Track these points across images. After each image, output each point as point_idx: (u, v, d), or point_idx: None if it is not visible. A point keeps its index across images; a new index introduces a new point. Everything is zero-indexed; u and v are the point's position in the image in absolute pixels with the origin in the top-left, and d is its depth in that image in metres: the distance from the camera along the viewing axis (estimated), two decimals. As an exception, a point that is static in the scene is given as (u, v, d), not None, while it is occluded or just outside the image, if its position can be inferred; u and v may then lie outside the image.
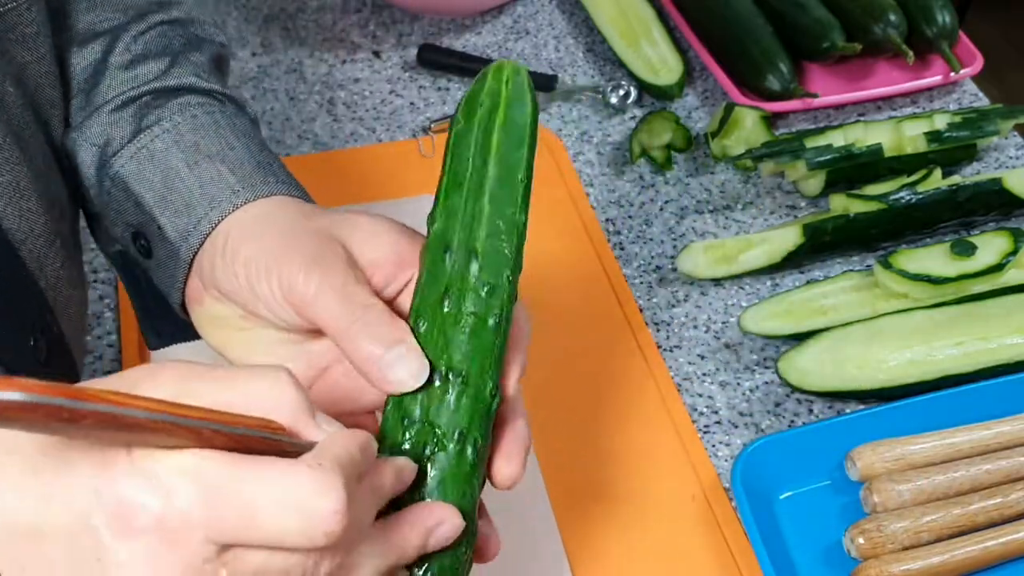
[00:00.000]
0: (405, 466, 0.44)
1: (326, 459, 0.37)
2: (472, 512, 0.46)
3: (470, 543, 0.47)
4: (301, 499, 0.36)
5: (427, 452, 0.45)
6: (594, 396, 0.79)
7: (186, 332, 0.55)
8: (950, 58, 1.01)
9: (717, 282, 0.87)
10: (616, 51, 1.05)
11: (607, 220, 0.92)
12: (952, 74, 1.01)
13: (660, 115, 0.96)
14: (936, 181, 0.89)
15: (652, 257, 0.89)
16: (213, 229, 0.51)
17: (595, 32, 1.09)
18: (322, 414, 0.40)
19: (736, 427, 0.78)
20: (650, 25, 1.07)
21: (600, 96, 1.02)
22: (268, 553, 0.36)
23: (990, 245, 0.84)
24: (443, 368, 0.46)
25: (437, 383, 0.46)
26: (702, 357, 0.82)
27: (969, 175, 0.95)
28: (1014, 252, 0.83)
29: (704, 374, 0.81)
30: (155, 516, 0.35)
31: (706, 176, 0.96)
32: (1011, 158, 0.99)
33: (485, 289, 0.46)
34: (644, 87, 1.02)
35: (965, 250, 0.83)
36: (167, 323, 0.58)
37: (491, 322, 0.46)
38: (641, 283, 0.87)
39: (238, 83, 1.03)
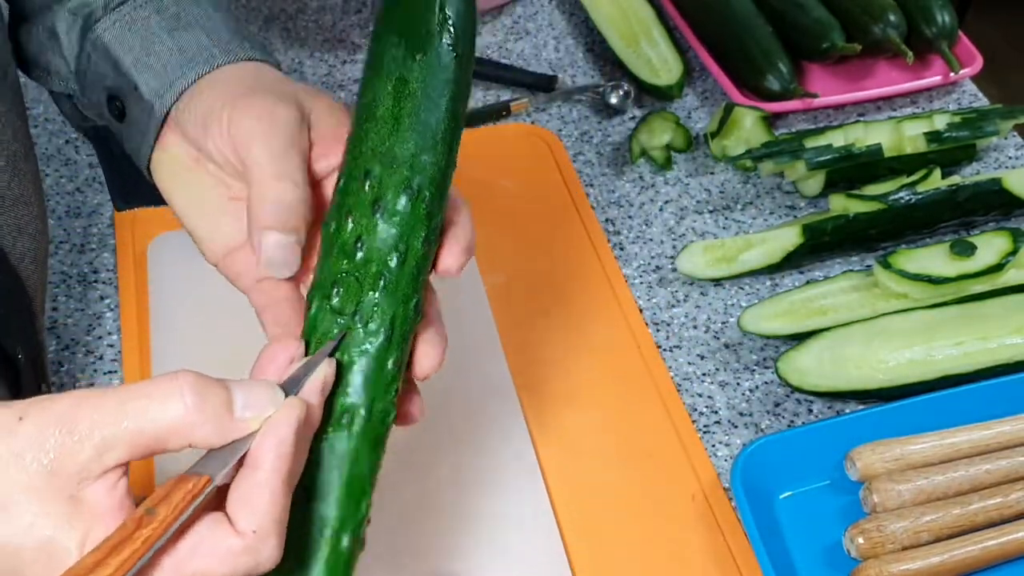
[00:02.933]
0: (328, 379, 0.46)
1: (259, 520, 0.41)
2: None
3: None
4: (246, 569, 0.41)
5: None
6: (594, 396, 0.79)
7: (151, 198, 0.58)
8: (950, 58, 1.01)
9: (717, 282, 0.87)
10: (616, 51, 1.05)
11: (607, 220, 0.92)
12: (952, 74, 1.01)
13: (660, 115, 0.96)
14: (936, 181, 0.89)
15: (652, 257, 0.89)
16: (188, 87, 0.55)
17: (595, 32, 1.09)
18: (239, 391, 0.43)
19: (736, 427, 0.78)
20: (650, 25, 1.07)
21: (600, 96, 1.02)
22: None
23: (990, 245, 0.84)
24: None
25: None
26: (702, 357, 0.82)
27: (969, 175, 0.95)
28: (1014, 252, 0.83)
29: (704, 374, 0.81)
30: None
31: (706, 176, 0.96)
32: (1011, 158, 0.99)
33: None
34: (644, 87, 1.02)
35: (965, 250, 0.83)
36: (136, 190, 0.62)
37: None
38: (641, 283, 0.87)
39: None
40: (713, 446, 0.76)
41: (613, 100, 1.02)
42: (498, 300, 0.84)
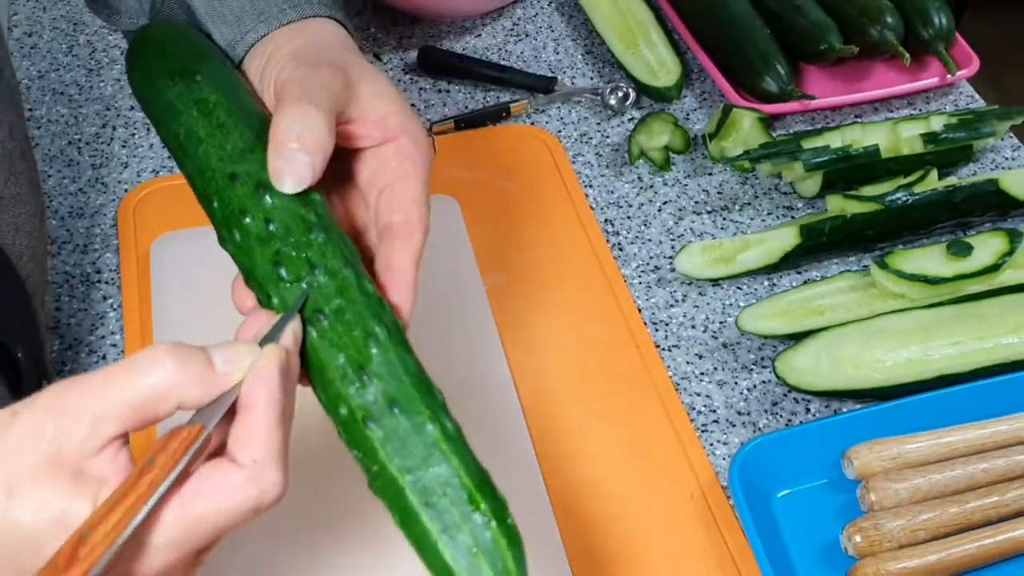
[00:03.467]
0: (297, 331, 0.48)
1: (258, 449, 0.43)
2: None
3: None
4: (253, 501, 0.43)
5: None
6: (593, 396, 0.79)
7: None
8: (947, 60, 1.02)
9: (715, 282, 0.88)
10: (615, 53, 1.05)
11: (606, 221, 0.92)
12: (948, 76, 1.02)
13: (658, 117, 0.97)
14: (932, 182, 0.89)
15: (650, 257, 0.89)
16: (258, 40, 0.56)
17: (594, 34, 1.10)
18: (217, 349, 0.44)
19: (734, 426, 0.78)
20: (648, 27, 1.07)
21: (599, 98, 1.03)
22: None
23: (986, 245, 0.84)
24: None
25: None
26: (700, 356, 0.83)
27: (965, 176, 0.95)
28: (1010, 252, 0.83)
29: (702, 373, 0.81)
30: None
31: (704, 177, 0.97)
32: (1007, 159, 0.99)
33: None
34: (642, 89, 1.03)
35: (961, 250, 0.83)
36: None
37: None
38: (639, 283, 0.87)
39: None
40: (711, 445, 0.77)
41: (612, 102, 1.02)
42: (498, 300, 0.84)
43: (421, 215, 0.53)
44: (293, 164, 0.49)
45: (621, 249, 0.90)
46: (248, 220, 0.50)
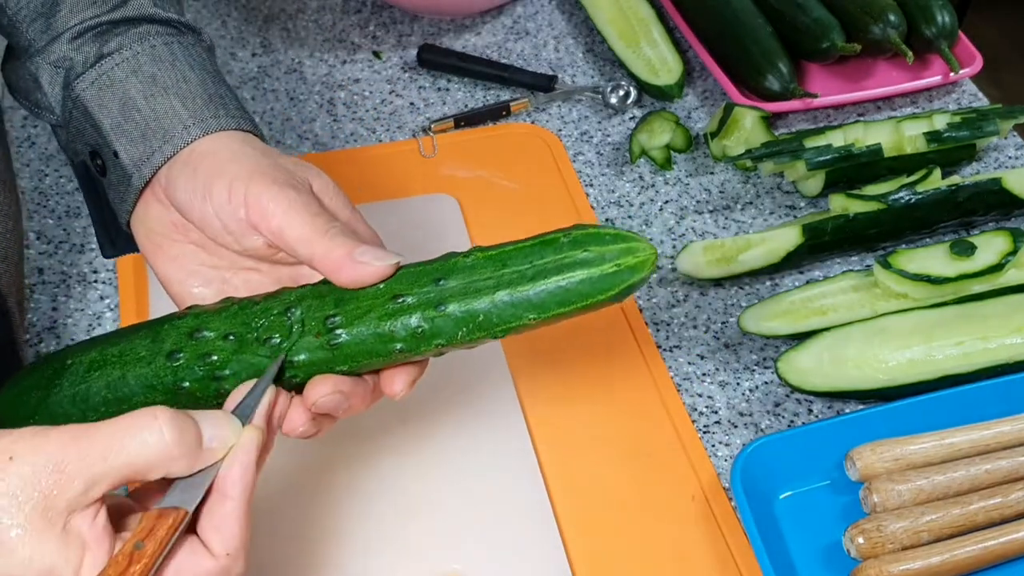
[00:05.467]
0: (271, 403, 0.51)
1: (232, 543, 0.47)
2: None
3: None
4: None
5: None
6: (594, 396, 0.79)
7: (136, 245, 0.61)
8: (949, 58, 1.01)
9: (717, 282, 0.87)
10: (616, 51, 1.05)
11: (607, 220, 0.92)
12: (952, 74, 1.02)
13: (660, 115, 0.96)
14: (935, 181, 0.89)
15: (652, 257, 0.89)
16: (166, 162, 0.57)
17: (595, 32, 1.09)
18: (206, 425, 0.47)
19: (736, 427, 0.78)
20: (650, 25, 1.07)
21: (600, 96, 1.02)
22: None
23: (989, 245, 0.84)
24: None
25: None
26: (702, 357, 0.82)
27: (968, 175, 0.95)
28: (1013, 252, 0.83)
29: (704, 374, 0.81)
30: None
31: (706, 176, 0.96)
32: (1010, 158, 0.99)
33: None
34: (644, 87, 1.02)
35: (964, 250, 0.83)
36: (121, 236, 0.63)
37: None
38: (641, 283, 0.87)
39: (239, 83, 1.03)
40: (713, 446, 0.77)
41: (613, 100, 1.02)
42: (498, 300, 0.84)
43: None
44: (378, 257, 0.53)
45: (622, 248, 0.89)
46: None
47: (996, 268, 0.82)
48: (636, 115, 1.02)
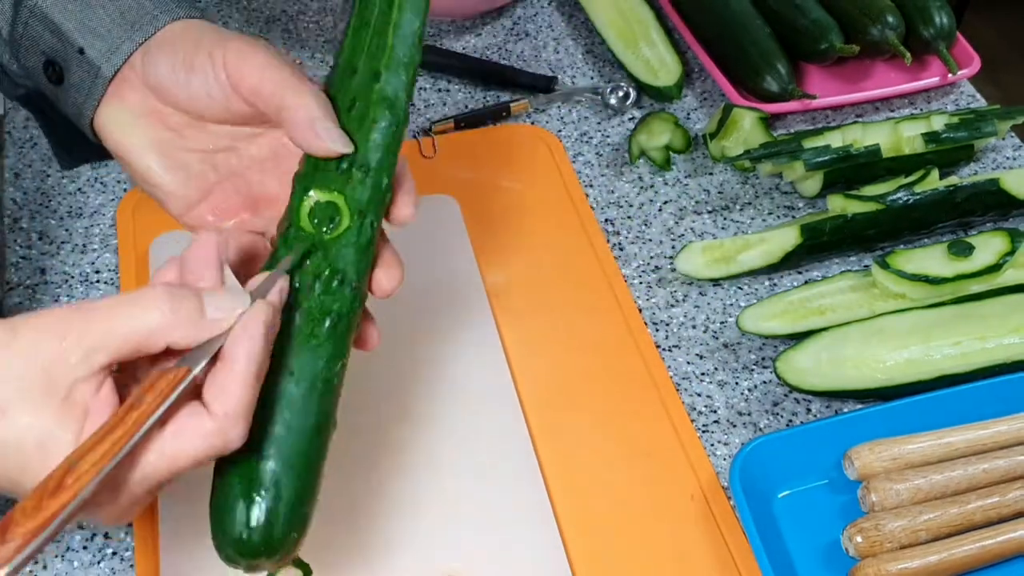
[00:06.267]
0: (284, 289, 0.52)
1: (231, 404, 0.47)
2: (365, 277, 0.56)
3: (361, 302, 0.56)
4: (216, 450, 0.47)
5: (331, 225, 0.55)
6: (593, 396, 0.79)
7: (95, 153, 0.62)
8: (948, 59, 1.01)
9: (716, 282, 0.87)
10: (615, 53, 1.05)
11: (606, 220, 0.92)
12: (950, 75, 1.02)
13: (659, 116, 0.97)
14: (934, 182, 0.89)
15: (651, 257, 0.89)
16: (135, 50, 0.58)
17: (594, 34, 1.10)
18: (209, 296, 0.48)
19: (734, 426, 0.78)
20: (649, 27, 1.07)
21: (599, 97, 1.02)
22: None
23: (987, 245, 0.84)
24: (348, 159, 0.55)
25: (342, 170, 0.55)
26: (701, 357, 0.82)
27: (966, 176, 0.95)
28: (1011, 252, 0.83)
29: (703, 374, 0.81)
30: None
31: (705, 177, 0.96)
32: (1008, 159, 0.99)
33: (385, 103, 0.56)
34: (643, 88, 1.03)
35: (962, 250, 0.83)
36: (79, 145, 0.64)
37: (392, 130, 0.56)
38: (640, 283, 0.87)
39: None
40: (712, 445, 0.77)
41: (612, 101, 1.02)
42: (498, 300, 0.84)
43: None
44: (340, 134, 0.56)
45: (621, 249, 0.90)
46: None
47: (994, 268, 0.82)
48: (635, 116, 1.02)
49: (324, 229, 0.55)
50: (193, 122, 0.58)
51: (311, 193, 0.55)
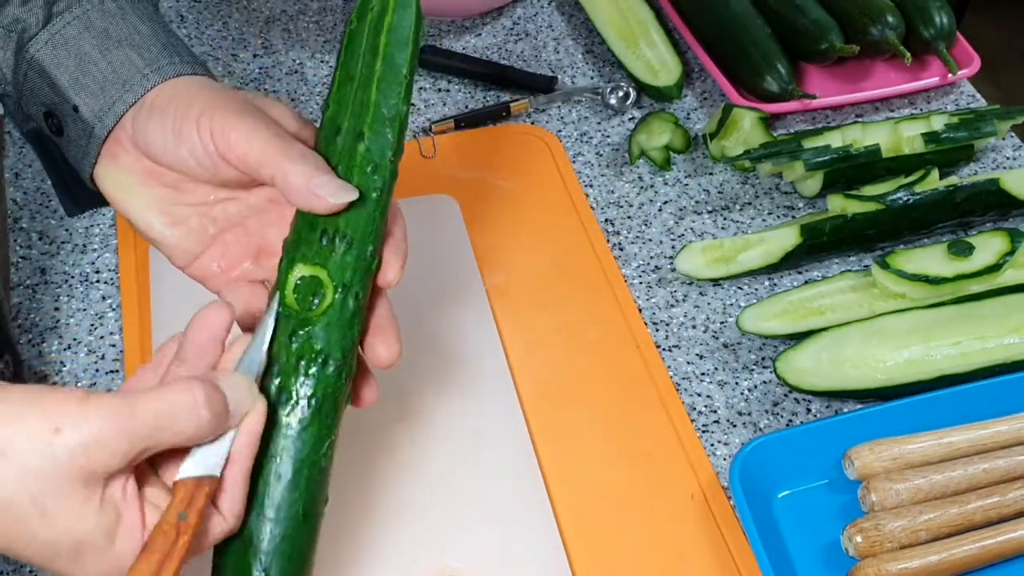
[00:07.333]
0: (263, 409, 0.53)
1: (239, 506, 0.51)
2: (351, 352, 0.55)
3: (348, 376, 0.55)
4: (222, 535, 0.51)
5: (315, 301, 0.54)
6: (593, 395, 0.79)
7: (99, 200, 0.62)
8: (948, 59, 1.01)
9: (716, 282, 0.87)
10: (615, 53, 1.05)
11: (606, 220, 0.92)
12: (950, 75, 1.02)
13: (659, 116, 0.97)
14: (933, 182, 0.89)
15: (651, 257, 0.89)
16: (127, 110, 0.58)
17: (594, 34, 1.10)
18: (229, 393, 0.49)
19: (734, 426, 0.78)
20: (649, 27, 1.07)
21: (599, 97, 1.03)
22: None
23: (987, 245, 0.84)
24: (331, 230, 0.54)
25: (325, 242, 0.54)
26: (701, 357, 0.82)
27: (966, 176, 0.95)
28: (1011, 252, 0.83)
29: (703, 374, 0.81)
30: None
31: (705, 177, 0.97)
32: (1008, 159, 0.99)
33: (369, 167, 0.54)
34: (643, 88, 1.03)
35: (962, 250, 0.83)
36: (82, 193, 0.63)
37: (374, 195, 0.55)
38: (640, 283, 0.87)
39: (240, 85, 1.03)
40: (712, 445, 0.77)
41: (612, 101, 1.02)
42: (498, 300, 0.84)
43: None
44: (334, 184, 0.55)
45: (621, 249, 0.90)
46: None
47: (994, 268, 0.82)
48: (635, 116, 1.02)
49: (308, 305, 0.54)
50: (189, 179, 0.58)
51: (296, 268, 0.54)
